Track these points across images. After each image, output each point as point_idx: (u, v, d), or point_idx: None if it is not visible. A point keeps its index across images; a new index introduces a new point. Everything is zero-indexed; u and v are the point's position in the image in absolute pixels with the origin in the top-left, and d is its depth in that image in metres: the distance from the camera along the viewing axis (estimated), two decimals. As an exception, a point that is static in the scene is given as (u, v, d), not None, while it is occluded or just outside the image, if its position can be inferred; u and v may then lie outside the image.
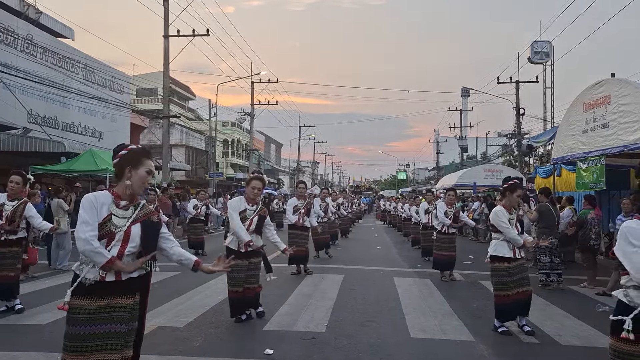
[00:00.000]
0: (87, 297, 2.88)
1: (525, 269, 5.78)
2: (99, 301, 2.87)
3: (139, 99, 35.20)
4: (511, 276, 5.62)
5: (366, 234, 21.18)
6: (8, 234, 6.15)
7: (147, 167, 3.05)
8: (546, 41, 30.51)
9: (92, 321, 2.86)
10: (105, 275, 2.89)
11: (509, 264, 5.64)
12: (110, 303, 2.89)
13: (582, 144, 10.35)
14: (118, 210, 2.97)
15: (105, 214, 2.93)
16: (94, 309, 2.87)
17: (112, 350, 2.86)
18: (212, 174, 32.25)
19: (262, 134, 58.89)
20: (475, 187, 21.97)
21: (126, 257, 2.95)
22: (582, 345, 5.34)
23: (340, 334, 5.51)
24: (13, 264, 6.25)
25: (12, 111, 16.07)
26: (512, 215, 5.76)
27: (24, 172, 6.49)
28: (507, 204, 5.79)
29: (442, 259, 9.34)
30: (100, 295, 2.88)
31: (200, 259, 3.29)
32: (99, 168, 15.06)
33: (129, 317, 2.93)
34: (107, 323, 2.87)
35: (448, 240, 9.36)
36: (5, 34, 16.61)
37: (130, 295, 2.95)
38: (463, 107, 44.31)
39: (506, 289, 5.62)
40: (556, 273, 8.67)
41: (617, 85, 9.27)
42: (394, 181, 77.14)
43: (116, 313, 2.89)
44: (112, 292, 2.90)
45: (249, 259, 5.89)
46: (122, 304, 2.91)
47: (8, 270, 6.18)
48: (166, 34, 19.96)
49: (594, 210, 9.49)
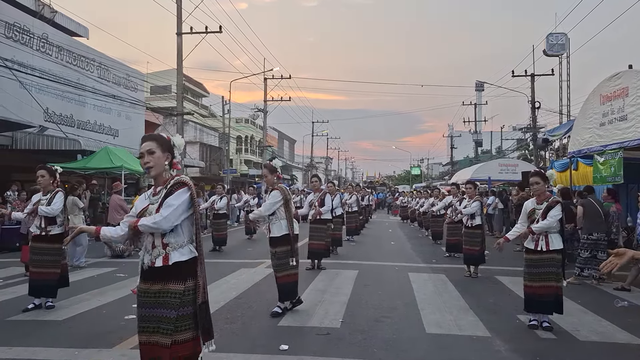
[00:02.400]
0: (145, 281, 3.08)
1: (555, 264, 5.58)
2: (154, 285, 3.04)
3: (153, 97, 35.44)
4: (535, 267, 5.59)
5: (380, 230, 21.12)
6: (47, 227, 6.23)
7: (140, 151, 3.19)
8: (562, 33, 30.12)
9: (149, 304, 3.03)
10: (155, 260, 3.05)
11: (533, 255, 5.63)
12: (163, 288, 3.02)
13: (599, 137, 10.20)
14: (153, 198, 3.17)
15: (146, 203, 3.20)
16: (151, 292, 3.03)
17: (163, 334, 2.98)
18: (226, 170, 32.37)
19: (276, 130, 58.98)
20: (490, 181, 21.79)
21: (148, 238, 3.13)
22: (600, 341, 5.28)
23: (355, 330, 5.50)
24: (57, 260, 6.28)
25: (29, 110, 16.25)
26: (541, 205, 5.67)
27: (49, 166, 6.59)
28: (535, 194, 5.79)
29: (468, 254, 9.14)
30: (154, 279, 3.05)
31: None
32: (115, 165, 15.20)
33: (179, 303, 3.00)
34: (159, 307, 3.00)
35: (472, 234, 9.14)
36: (21, 34, 16.78)
37: (180, 280, 3.04)
38: (477, 101, 43.94)
39: (529, 279, 5.64)
40: (597, 269, 8.38)
41: (635, 77, 9.11)
42: (407, 176, 76.80)
43: (166, 298, 3.00)
44: (164, 277, 3.03)
45: (275, 248, 6.13)
46: (174, 289, 3.02)
47: (52, 267, 6.22)
48: (179, 32, 20.02)
49: (616, 204, 9.37)
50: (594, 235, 8.54)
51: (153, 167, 3.12)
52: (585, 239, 8.65)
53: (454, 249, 11.06)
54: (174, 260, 3.04)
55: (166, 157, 3.15)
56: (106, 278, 8.63)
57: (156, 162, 3.13)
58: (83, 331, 5.38)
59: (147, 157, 3.12)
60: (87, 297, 6.98)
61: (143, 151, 3.14)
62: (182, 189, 3.08)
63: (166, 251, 3.05)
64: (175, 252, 3.06)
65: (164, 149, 3.16)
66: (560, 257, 5.60)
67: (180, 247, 3.07)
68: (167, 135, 3.28)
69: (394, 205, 35.52)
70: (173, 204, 3.02)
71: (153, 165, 3.12)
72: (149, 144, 3.15)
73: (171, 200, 3.04)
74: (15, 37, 16.51)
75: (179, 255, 3.06)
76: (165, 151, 3.16)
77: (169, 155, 3.17)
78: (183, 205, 3.05)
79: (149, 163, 3.11)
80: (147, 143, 3.16)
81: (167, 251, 3.05)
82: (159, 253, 3.05)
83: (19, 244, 11.15)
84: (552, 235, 5.59)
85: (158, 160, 3.13)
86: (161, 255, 3.04)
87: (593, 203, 8.78)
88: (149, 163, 3.11)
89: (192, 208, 3.11)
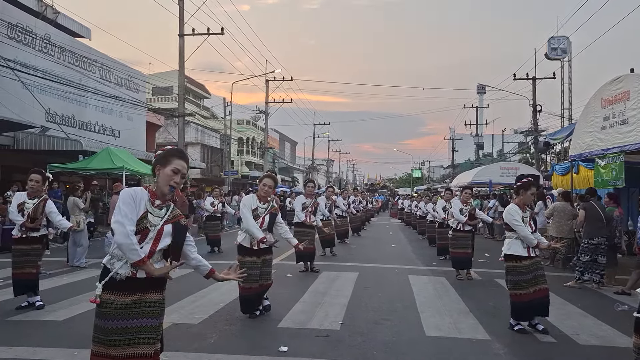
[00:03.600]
0: (118, 292, 2.92)
1: (541, 266, 5.71)
2: (130, 296, 2.92)
3: (154, 98, 35.47)
4: (526, 274, 5.57)
5: (381, 232, 21.11)
6: (30, 231, 6.30)
7: (174, 165, 3.04)
8: (563, 37, 30.14)
9: (123, 316, 2.89)
10: (137, 271, 2.93)
11: (523, 262, 5.58)
12: (140, 298, 2.94)
13: (600, 140, 10.19)
14: (154, 208, 3.02)
15: (142, 210, 2.97)
16: (124, 303, 2.91)
17: (146, 344, 2.91)
18: (227, 172, 32.40)
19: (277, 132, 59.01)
20: (491, 184, 21.77)
21: (155, 255, 2.99)
22: (600, 345, 5.27)
23: (355, 332, 5.50)
24: (34, 261, 6.39)
25: (31, 110, 16.28)
26: (526, 213, 5.70)
27: (43, 171, 6.60)
28: (521, 201, 5.73)
29: (458, 257, 9.26)
30: (131, 290, 2.93)
31: (214, 268, 3.35)
32: (116, 166, 15.21)
33: (159, 312, 2.99)
34: (139, 317, 2.91)
35: (463, 238, 9.28)
36: (24, 34, 16.82)
37: (159, 290, 3.01)
38: (479, 104, 44.00)
39: (522, 288, 5.57)
40: (598, 273, 8.51)
41: (637, 80, 9.11)
42: (409, 179, 76.86)
43: (147, 308, 2.94)
44: (143, 287, 2.95)
45: (262, 256, 5.95)
46: (153, 299, 2.97)
47: (30, 267, 6.32)
48: (181, 33, 20.06)
49: (618, 209, 9.35)
50: (595, 240, 8.53)
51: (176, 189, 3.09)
52: (585, 243, 8.64)
53: (446, 252, 11.14)
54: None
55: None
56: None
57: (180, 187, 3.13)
58: (83, 331, 5.36)
59: (179, 179, 3.06)
60: (86, 298, 6.94)
61: (180, 170, 3.06)
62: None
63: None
64: (158, 263, 3.02)
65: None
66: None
67: (160, 260, 3.05)
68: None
69: (393, 209, 35.49)
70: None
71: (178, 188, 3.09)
72: (186, 167, 3.12)
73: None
74: (18, 38, 16.55)
75: (159, 266, 3.02)
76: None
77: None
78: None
79: (178, 185, 3.07)
80: (185, 164, 3.10)
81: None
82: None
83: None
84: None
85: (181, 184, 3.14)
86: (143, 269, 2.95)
87: (595, 207, 8.76)
88: (178, 185, 3.07)
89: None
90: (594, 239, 8.55)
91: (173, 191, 3.05)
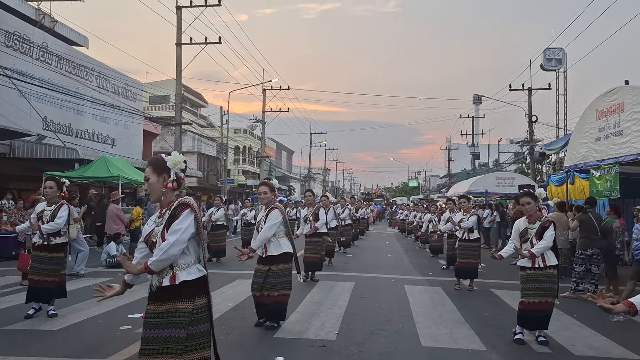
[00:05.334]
0: (153, 302, 3.05)
1: (551, 279, 5.60)
2: (162, 306, 3.01)
3: (151, 106, 35.49)
4: (535, 283, 5.55)
5: (377, 242, 21.11)
6: (50, 236, 6.26)
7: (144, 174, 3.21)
8: (559, 48, 30.37)
9: (156, 325, 2.98)
10: (162, 280, 3.03)
11: (529, 271, 5.60)
12: (171, 308, 3.00)
13: (595, 151, 10.26)
14: (158, 220, 3.17)
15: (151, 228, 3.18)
16: (158, 313, 3.00)
17: (172, 354, 2.95)
18: (224, 180, 32.37)
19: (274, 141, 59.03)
20: (487, 194, 21.84)
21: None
22: (596, 356, 5.27)
23: (351, 342, 5.49)
24: (57, 270, 6.33)
25: (27, 118, 16.27)
26: (533, 225, 5.67)
27: (57, 177, 6.62)
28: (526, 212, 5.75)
29: (463, 267, 9.08)
30: (163, 300, 3.02)
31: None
32: (112, 175, 15.19)
33: (188, 322, 2.99)
34: (168, 327, 2.97)
35: (470, 247, 9.07)
36: (21, 43, 16.85)
37: (189, 299, 3.03)
38: (475, 114, 44.19)
39: (530, 295, 5.56)
40: (592, 283, 8.58)
41: (631, 92, 9.19)
42: (405, 188, 76.92)
43: (175, 318, 2.98)
44: (172, 296, 3.01)
45: (270, 265, 5.95)
46: (183, 309, 3.00)
47: (51, 276, 6.26)
48: (179, 42, 20.14)
49: (619, 219, 9.38)
50: (588, 251, 8.60)
51: (150, 193, 3.19)
52: (579, 254, 8.69)
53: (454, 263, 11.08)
54: (181, 279, 3.04)
55: (163, 180, 3.14)
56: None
57: (152, 189, 3.16)
58: (78, 341, 5.36)
59: (145, 185, 3.18)
60: (83, 307, 6.95)
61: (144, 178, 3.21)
62: (186, 210, 3.07)
63: (174, 271, 3.05)
64: (183, 271, 3.05)
65: (159, 172, 3.15)
66: (555, 272, 5.62)
67: (187, 266, 3.08)
68: (163, 155, 3.25)
69: (393, 219, 35.50)
70: (180, 229, 3.01)
71: (150, 192, 3.18)
72: (146, 171, 3.20)
73: (177, 225, 3.02)
74: (15, 46, 16.56)
75: (186, 274, 3.05)
76: (160, 174, 3.14)
77: (165, 176, 3.15)
78: (189, 228, 3.05)
79: (146, 190, 3.20)
80: (146, 169, 3.21)
81: (175, 271, 3.05)
82: (167, 273, 3.05)
83: (15, 252, 11.12)
84: (547, 252, 5.60)
85: (153, 186, 3.15)
86: (168, 275, 3.04)
87: (591, 219, 8.80)
88: (147, 190, 3.20)
89: (197, 228, 3.10)
90: (587, 250, 8.61)
91: (147, 197, 3.20)
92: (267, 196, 6.09)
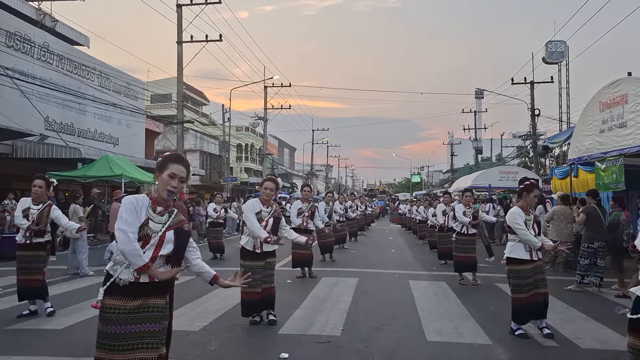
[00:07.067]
0: (121, 297, 2.93)
1: (542, 270, 5.69)
2: (133, 301, 2.93)
3: (153, 105, 35.55)
4: (527, 278, 5.55)
5: (380, 237, 21.09)
6: (35, 236, 6.32)
7: (170, 170, 3.03)
8: (561, 41, 30.27)
9: (126, 321, 2.91)
10: (140, 276, 2.94)
11: (525, 265, 5.55)
12: (144, 303, 2.95)
13: (599, 144, 10.20)
14: (154, 215, 3.03)
15: (144, 217, 2.99)
16: (127, 309, 2.92)
17: (149, 348, 2.93)
18: (226, 178, 32.38)
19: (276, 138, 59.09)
20: (491, 189, 21.77)
21: (157, 261, 3.00)
22: (602, 349, 5.25)
23: (356, 338, 5.48)
24: (40, 268, 6.40)
25: (30, 118, 16.29)
26: (529, 216, 5.68)
27: (46, 177, 6.63)
28: (524, 204, 5.72)
29: (462, 261, 9.12)
30: (134, 295, 2.94)
31: (218, 274, 3.29)
32: (115, 174, 15.20)
33: (162, 317, 3.00)
34: (142, 322, 2.93)
35: (468, 241, 9.09)
36: (22, 43, 16.86)
37: (162, 295, 3.02)
38: (477, 108, 44.04)
39: (522, 291, 5.55)
40: (597, 276, 8.51)
41: (634, 84, 9.12)
42: (408, 184, 76.81)
43: (150, 313, 2.95)
44: (146, 292, 2.96)
45: (265, 259, 5.96)
46: (156, 304, 2.98)
47: (36, 274, 6.33)
48: (180, 40, 20.13)
49: (625, 212, 9.34)
50: (595, 244, 8.55)
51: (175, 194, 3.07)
52: (585, 247, 8.64)
53: (447, 257, 11.09)
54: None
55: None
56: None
57: (180, 191, 3.10)
58: (82, 340, 5.34)
59: (177, 183, 3.04)
60: (86, 306, 6.91)
61: (176, 175, 3.05)
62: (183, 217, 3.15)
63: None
64: (162, 268, 3.02)
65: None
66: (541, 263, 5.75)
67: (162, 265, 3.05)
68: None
69: (394, 214, 35.48)
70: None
71: (177, 192, 3.08)
72: (184, 171, 3.09)
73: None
74: (16, 46, 16.58)
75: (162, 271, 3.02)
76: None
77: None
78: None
79: (176, 189, 3.05)
80: (182, 168, 3.09)
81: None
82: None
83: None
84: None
85: (182, 189, 3.11)
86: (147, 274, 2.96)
87: (597, 211, 8.76)
88: (177, 189, 3.05)
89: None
90: (594, 242, 8.56)
91: (171, 196, 3.04)
92: (272, 193, 6.05)
